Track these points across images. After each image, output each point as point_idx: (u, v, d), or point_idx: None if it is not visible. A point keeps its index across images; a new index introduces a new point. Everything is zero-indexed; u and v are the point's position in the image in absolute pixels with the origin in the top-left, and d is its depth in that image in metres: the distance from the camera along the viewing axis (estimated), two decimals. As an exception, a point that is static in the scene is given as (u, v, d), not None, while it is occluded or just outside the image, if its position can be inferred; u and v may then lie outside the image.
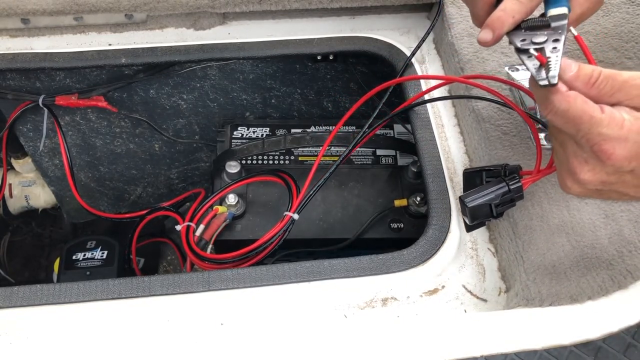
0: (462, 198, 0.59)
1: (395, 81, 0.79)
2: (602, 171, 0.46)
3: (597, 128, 0.43)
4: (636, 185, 0.46)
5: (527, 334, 0.52)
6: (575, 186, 0.48)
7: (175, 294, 0.61)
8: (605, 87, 0.45)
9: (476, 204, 0.58)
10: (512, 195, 0.58)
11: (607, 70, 0.45)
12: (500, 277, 0.66)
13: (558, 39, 0.49)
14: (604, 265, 0.57)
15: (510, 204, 0.60)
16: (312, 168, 0.77)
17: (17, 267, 1.31)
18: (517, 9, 0.50)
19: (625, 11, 0.79)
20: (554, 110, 0.46)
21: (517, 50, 0.50)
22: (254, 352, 0.52)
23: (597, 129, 0.44)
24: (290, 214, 0.75)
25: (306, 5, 0.86)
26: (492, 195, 0.58)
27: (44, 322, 0.60)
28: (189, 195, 1.09)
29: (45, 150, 1.07)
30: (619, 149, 0.44)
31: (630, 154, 0.44)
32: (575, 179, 0.47)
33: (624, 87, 0.45)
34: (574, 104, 0.44)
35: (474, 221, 0.60)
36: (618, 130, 0.43)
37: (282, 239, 0.75)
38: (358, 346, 0.52)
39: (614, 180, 0.46)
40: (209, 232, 0.80)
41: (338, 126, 0.79)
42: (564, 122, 0.46)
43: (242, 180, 0.85)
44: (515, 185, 0.58)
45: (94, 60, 0.83)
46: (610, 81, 0.45)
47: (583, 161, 0.46)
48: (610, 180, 0.46)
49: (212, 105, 1.04)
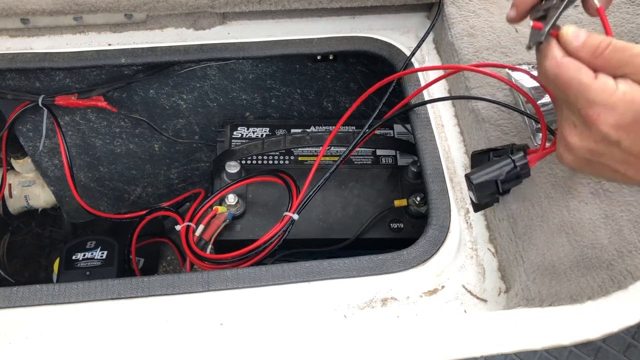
0: (468, 175, 0.58)
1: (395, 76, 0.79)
2: (589, 138, 0.46)
3: (585, 93, 0.44)
4: (624, 160, 0.46)
5: (527, 334, 0.52)
6: (566, 153, 0.49)
7: (175, 294, 0.61)
8: (613, 59, 0.45)
9: (482, 181, 0.57)
10: (518, 172, 0.57)
11: (618, 42, 0.45)
12: (500, 277, 0.66)
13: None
14: (604, 265, 0.57)
15: (516, 181, 0.58)
16: (312, 168, 0.77)
17: (17, 267, 1.31)
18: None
19: (625, 11, 0.79)
20: (545, 75, 0.47)
21: (538, 19, 0.50)
22: (254, 353, 0.52)
23: (585, 94, 0.44)
24: (290, 214, 0.75)
25: (306, 5, 0.86)
26: (497, 172, 0.57)
27: (43, 322, 0.60)
28: (189, 196, 1.10)
29: (44, 151, 1.07)
30: (605, 115, 0.44)
31: (617, 123, 0.44)
32: (565, 144, 0.48)
33: (632, 61, 0.44)
34: (564, 71, 0.45)
35: (481, 199, 0.59)
36: (607, 97, 0.43)
37: (281, 239, 0.75)
38: (358, 346, 0.52)
39: (602, 150, 0.46)
40: (208, 232, 0.80)
41: (338, 126, 0.79)
42: (555, 87, 0.47)
43: (242, 180, 0.85)
44: (522, 162, 0.57)
45: (94, 60, 0.83)
46: (618, 54, 0.44)
47: (572, 125, 0.47)
48: (598, 150, 0.46)
49: (212, 105, 1.04)
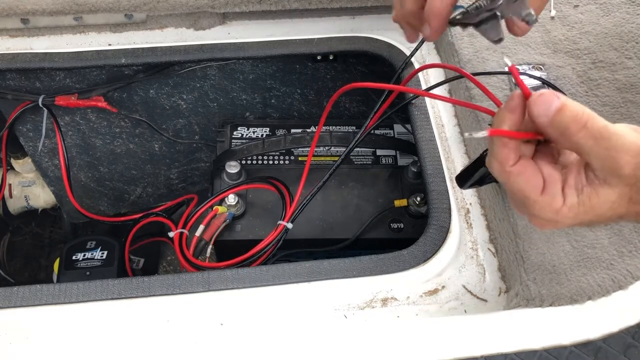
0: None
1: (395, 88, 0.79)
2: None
3: (530, 208, 0.42)
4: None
5: (527, 334, 0.52)
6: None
7: (175, 294, 0.61)
8: (584, 146, 0.38)
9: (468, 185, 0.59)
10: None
11: (595, 124, 0.38)
12: (500, 277, 0.66)
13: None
14: (604, 265, 0.57)
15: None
16: (303, 175, 0.76)
17: (17, 267, 1.31)
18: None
19: (625, 11, 0.79)
20: (496, 175, 0.43)
21: (476, 25, 0.47)
22: (254, 353, 0.52)
23: (530, 208, 0.42)
24: (284, 223, 0.75)
25: (306, 5, 0.86)
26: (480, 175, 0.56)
27: (43, 323, 0.60)
28: (182, 201, 1.10)
29: (44, 151, 1.07)
30: (547, 226, 0.43)
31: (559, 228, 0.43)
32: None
33: (603, 155, 0.38)
34: (513, 180, 0.41)
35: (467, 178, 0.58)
36: (551, 215, 0.41)
37: (275, 248, 0.75)
38: (358, 346, 0.52)
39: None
40: (208, 233, 0.80)
41: (320, 126, 0.76)
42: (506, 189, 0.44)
43: (233, 187, 0.84)
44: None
45: (94, 60, 0.83)
46: (590, 142, 0.38)
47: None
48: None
49: (212, 105, 1.04)
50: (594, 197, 0.40)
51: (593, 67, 0.74)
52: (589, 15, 0.80)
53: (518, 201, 0.42)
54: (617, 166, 0.38)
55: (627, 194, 0.39)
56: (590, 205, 0.40)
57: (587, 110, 0.38)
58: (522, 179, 0.41)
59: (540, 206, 0.41)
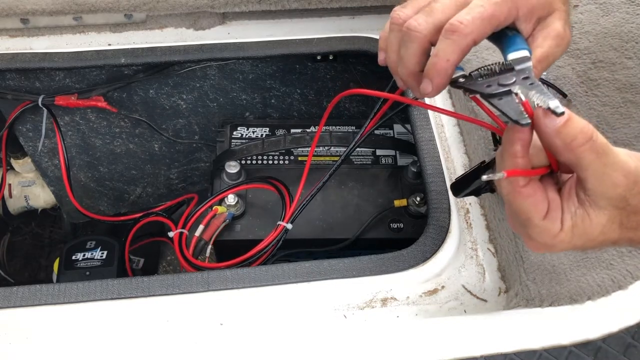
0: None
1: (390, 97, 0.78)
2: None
3: (529, 230, 0.42)
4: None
5: (526, 334, 0.52)
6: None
7: (175, 294, 0.61)
8: (586, 157, 0.38)
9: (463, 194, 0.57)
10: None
11: (597, 141, 0.38)
12: (500, 277, 0.66)
13: (528, 76, 0.43)
14: (604, 265, 0.57)
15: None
16: (303, 175, 0.76)
17: (17, 267, 1.31)
18: (450, 50, 0.44)
19: (625, 11, 0.79)
20: (504, 193, 0.42)
21: (485, 96, 0.44)
22: (254, 353, 0.52)
23: (528, 230, 0.42)
24: (283, 223, 0.75)
25: (306, 5, 0.86)
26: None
27: (43, 322, 0.60)
28: (182, 201, 1.10)
29: (44, 151, 1.07)
30: (543, 249, 0.43)
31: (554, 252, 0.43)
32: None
33: (602, 173, 0.38)
34: (519, 201, 0.41)
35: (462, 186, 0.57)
36: (548, 239, 0.41)
37: (275, 248, 0.75)
38: (358, 346, 0.52)
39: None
40: (208, 233, 0.80)
41: (320, 127, 0.76)
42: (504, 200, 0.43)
43: (233, 187, 0.84)
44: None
45: (94, 60, 0.83)
46: (592, 156, 0.38)
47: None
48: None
49: (211, 105, 1.04)
50: (586, 219, 0.40)
51: (593, 67, 0.74)
52: (589, 15, 0.80)
53: (519, 221, 0.42)
54: (609, 184, 0.38)
55: (617, 218, 0.40)
56: (583, 228, 0.40)
57: (591, 125, 0.38)
58: (530, 202, 0.40)
59: (540, 230, 0.41)
